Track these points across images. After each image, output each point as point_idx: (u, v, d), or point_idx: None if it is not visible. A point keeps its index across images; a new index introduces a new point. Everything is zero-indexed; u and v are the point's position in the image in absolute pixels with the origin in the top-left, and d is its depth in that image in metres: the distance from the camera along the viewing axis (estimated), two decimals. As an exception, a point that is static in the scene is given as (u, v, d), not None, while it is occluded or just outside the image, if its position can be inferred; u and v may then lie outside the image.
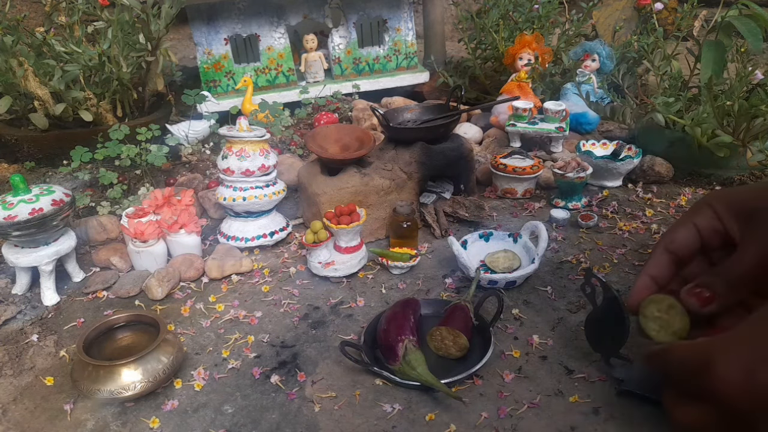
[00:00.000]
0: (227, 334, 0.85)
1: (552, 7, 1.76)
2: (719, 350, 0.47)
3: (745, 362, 0.44)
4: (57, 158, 1.40)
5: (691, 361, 0.50)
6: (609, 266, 0.97)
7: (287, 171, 1.26)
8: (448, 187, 1.23)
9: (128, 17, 1.43)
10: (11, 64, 1.33)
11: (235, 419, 0.69)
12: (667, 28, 1.92)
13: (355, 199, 1.04)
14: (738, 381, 0.44)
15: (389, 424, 0.67)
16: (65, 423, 0.70)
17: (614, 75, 1.57)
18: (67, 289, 0.98)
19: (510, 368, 0.75)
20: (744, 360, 0.44)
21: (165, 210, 1.02)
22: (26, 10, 2.32)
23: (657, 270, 0.63)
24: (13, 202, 0.87)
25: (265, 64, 1.75)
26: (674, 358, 0.52)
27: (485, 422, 0.67)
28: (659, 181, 1.27)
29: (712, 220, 0.61)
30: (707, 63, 1.24)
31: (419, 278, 0.97)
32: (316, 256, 0.97)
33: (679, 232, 0.63)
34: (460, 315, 0.78)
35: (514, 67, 1.60)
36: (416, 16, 2.24)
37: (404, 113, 1.24)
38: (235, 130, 1.05)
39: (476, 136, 1.53)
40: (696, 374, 0.48)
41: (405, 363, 0.71)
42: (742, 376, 0.44)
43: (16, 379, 0.78)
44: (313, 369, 0.77)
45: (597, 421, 0.66)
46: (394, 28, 1.84)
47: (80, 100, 1.40)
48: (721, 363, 0.46)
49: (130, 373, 0.70)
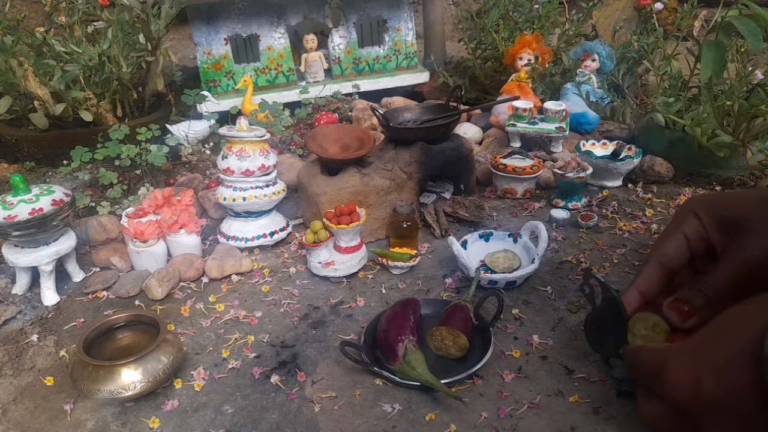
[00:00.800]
0: (227, 334, 0.85)
1: (552, 7, 1.76)
2: (673, 356, 0.49)
3: (693, 370, 0.46)
4: (57, 158, 1.40)
5: (650, 364, 0.52)
6: (609, 266, 0.97)
7: (287, 171, 1.26)
8: (448, 187, 1.23)
9: (128, 17, 1.43)
10: (11, 64, 1.33)
11: (235, 419, 0.69)
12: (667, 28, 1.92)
13: (355, 199, 1.04)
14: (686, 387, 0.46)
15: (389, 424, 0.67)
16: (65, 423, 0.70)
17: (614, 75, 1.56)
18: (67, 289, 0.98)
19: (510, 368, 0.75)
20: (692, 368, 0.46)
21: (165, 210, 1.02)
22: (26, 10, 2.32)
23: (647, 284, 0.65)
24: (13, 202, 0.87)
25: (265, 64, 1.75)
26: (639, 359, 0.55)
27: (485, 422, 0.67)
28: (659, 181, 1.27)
29: (698, 228, 0.63)
30: (707, 63, 1.24)
31: (419, 278, 0.97)
32: (316, 256, 0.97)
33: (670, 245, 0.64)
34: (460, 315, 0.78)
35: (514, 67, 1.60)
36: (416, 16, 2.24)
37: (404, 113, 1.24)
38: (235, 130, 1.05)
39: (476, 136, 1.53)
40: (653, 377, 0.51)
41: (405, 363, 0.71)
42: (689, 383, 0.46)
43: (16, 379, 0.78)
44: (313, 369, 0.77)
45: (597, 421, 0.66)
46: (394, 28, 1.84)
47: (80, 100, 1.40)
48: (673, 369, 0.48)
49: (130, 373, 0.70)
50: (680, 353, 0.49)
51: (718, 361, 0.45)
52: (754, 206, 0.59)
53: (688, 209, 0.64)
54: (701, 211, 0.62)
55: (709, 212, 0.62)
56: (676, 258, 0.64)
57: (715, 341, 0.47)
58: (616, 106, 1.32)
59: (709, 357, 0.46)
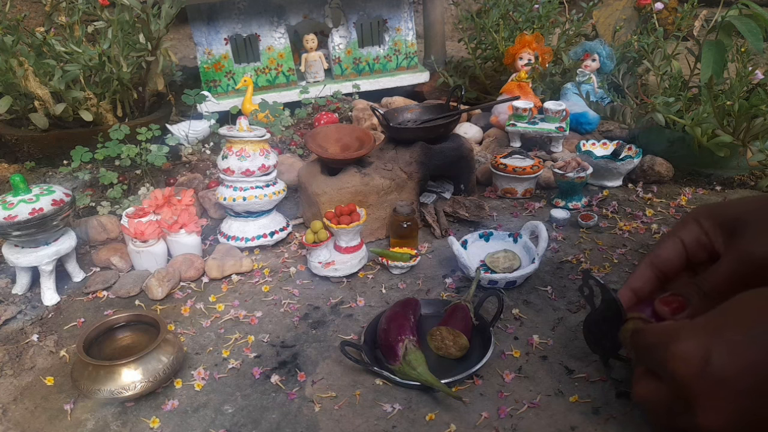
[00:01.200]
0: (227, 334, 0.85)
1: (552, 7, 1.76)
2: (683, 330, 0.50)
3: (702, 345, 0.46)
4: (57, 158, 1.40)
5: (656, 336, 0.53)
6: (609, 266, 0.97)
7: (287, 171, 1.26)
8: (448, 187, 1.23)
9: (128, 17, 1.43)
10: (11, 64, 1.33)
11: (235, 419, 0.69)
12: (667, 27, 1.92)
13: (355, 199, 1.04)
14: (692, 360, 0.46)
15: (389, 424, 0.67)
16: (65, 423, 0.70)
17: (614, 75, 1.56)
18: (67, 289, 0.98)
19: (510, 368, 0.75)
20: (702, 342, 0.47)
21: (165, 210, 1.02)
22: (26, 10, 2.32)
23: (639, 284, 0.65)
24: (14, 202, 0.87)
25: (265, 64, 1.75)
26: (645, 335, 0.55)
27: (485, 422, 0.67)
28: (659, 181, 1.27)
29: (698, 234, 0.63)
30: (707, 63, 1.24)
31: (419, 278, 0.97)
32: (316, 256, 0.97)
33: (665, 249, 0.65)
34: (460, 315, 0.78)
35: (514, 67, 1.60)
36: (416, 16, 2.24)
37: (404, 113, 1.24)
38: (235, 130, 1.05)
39: (476, 136, 1.53)
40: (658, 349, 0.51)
41: (405, 363, 0.71)
42: (697, 358, 0.46)
43: (16, 379, 0.78)
44: (313, 369, 0.77)
45: (597, 421, 0.66)
46: (394, 28, 1.84)
47: (80, 100, 1.40)
48: (681, 342, 0.48)
49: (130, 373, 0.70)
50: (689, 328, 0.49)
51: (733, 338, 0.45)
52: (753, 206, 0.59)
53: (691, 217, 0.64)
54: (703, 218, 0.63)
55: (711, 218, 0.62)
56: (668, 260, 0.64)
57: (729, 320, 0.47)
58: (616, 106, 1.32)
59: (723, 333, 0.46)
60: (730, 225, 0.60)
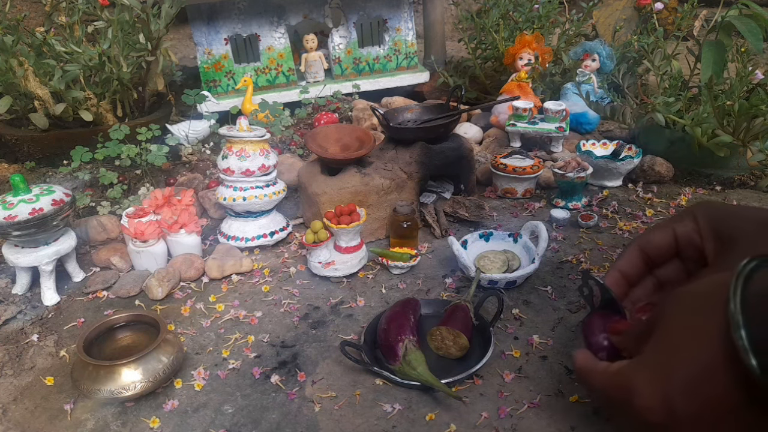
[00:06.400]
0: (227, 334, 0.85)
1: (552, 7, 1.76)
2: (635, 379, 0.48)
3: (659, 390, 0.46)
4: (57, 158, 1.40)
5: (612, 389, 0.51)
6: (609, 266, 0.97)
7: (287, 171, 1.26)
8: (448, 187, 1.23)
9: (128, 17, 1.43)
10: (11, 64, 1.33)
11: (235, 419, 0.69)
12: (667, 27, 1.92)
13: (355, 199, 1.04)
14: (656, 409, 0.45)
15: (389, 424, 0.67)
16: (65, 423, 0.70)
17: (614, 75, 1.56)
18: (67, 289, 0.98)
19: (510, 368, 0.75)
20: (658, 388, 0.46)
21: (165, 210, 1.02)
22: (26, 10, 2.32)
23: (627, 266, 0.65)
24: (14, 202, 0.87)
25: (265, 64, 1.75)
26: (596, 384, 0.53)
27: (485, 422, 0.67)
28: (659, 181, 1.27)
29: (692, 233, 0.62)
30: (707, 63, 1.24)
31: (419, 278, 0.97)
32: (316, 256, 0.97)
33: (656, 235, 0.64)
34: (460, 315, 0.78)
35: (514, 67, 1.60)
36: (416, 16, 2.24)
37: (404, 113, 1.24)
38: (235, 130, 1.05)
39: (476, 136, 1.53)
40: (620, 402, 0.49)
41: (405, 363, 0.71)
42: (659, 405, 0.45)
43: (16, 379, 0.78)
44: (313, 369, 0.77)
45: (597, 421, 0.66)
46: (394, 28, 1.84)
47: (80, 100, 1.40)
48: (639, 395, 0.47)
49: (130, 373, 0.70)
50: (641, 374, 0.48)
51: (683, 377, 0.44)
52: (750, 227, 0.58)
53: (689, 211, 0.64)
54: (700, 217, 0.62)
55: (708, 220, 0.61)
56: (657, 247, 0.64)
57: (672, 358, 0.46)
58: (616, 106, 1.32)
59: (673, 373, 0.45)
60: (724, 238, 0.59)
